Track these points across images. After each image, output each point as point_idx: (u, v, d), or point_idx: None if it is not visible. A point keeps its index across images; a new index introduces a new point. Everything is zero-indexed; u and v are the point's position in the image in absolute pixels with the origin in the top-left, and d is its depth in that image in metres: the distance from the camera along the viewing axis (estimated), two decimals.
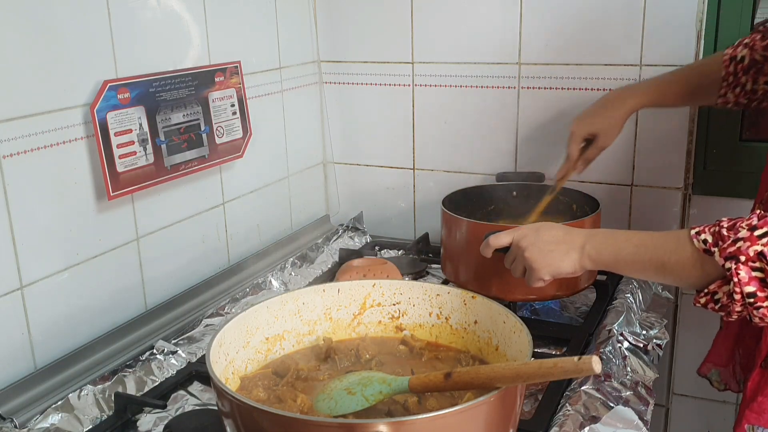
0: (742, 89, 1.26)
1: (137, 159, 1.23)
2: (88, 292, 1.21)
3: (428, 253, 1.65)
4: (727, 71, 1.26)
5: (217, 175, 1.48)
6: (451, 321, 1.08)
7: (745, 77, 1.25)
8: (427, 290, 1.10)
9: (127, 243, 1.28)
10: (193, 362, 1.21)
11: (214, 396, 0.90)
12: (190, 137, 1.35)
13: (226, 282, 1.48)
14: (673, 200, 1.56)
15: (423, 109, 1.71)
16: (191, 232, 1.43)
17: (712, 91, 1.29)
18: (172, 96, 1.30)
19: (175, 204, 1.38)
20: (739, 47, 1.26)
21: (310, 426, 0.78)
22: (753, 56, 1.24)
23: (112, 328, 1.24)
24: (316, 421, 0.82)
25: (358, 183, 1.84)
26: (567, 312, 1.41)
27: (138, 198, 1.28)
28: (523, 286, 1.13)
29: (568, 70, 1.55)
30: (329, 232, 1.74)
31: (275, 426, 0.78)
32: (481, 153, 1.68)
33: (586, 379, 1.08)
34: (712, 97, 1.30)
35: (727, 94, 1.28)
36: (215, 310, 1.36)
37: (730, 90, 1.27)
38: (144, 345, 1.25)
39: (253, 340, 1.02)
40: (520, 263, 1.09)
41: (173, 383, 1.15)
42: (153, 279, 1.34)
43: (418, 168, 1.77)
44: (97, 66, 1.18)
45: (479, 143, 1.68)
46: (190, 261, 1.43)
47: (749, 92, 1.26)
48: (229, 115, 1.45)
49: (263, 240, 1.64)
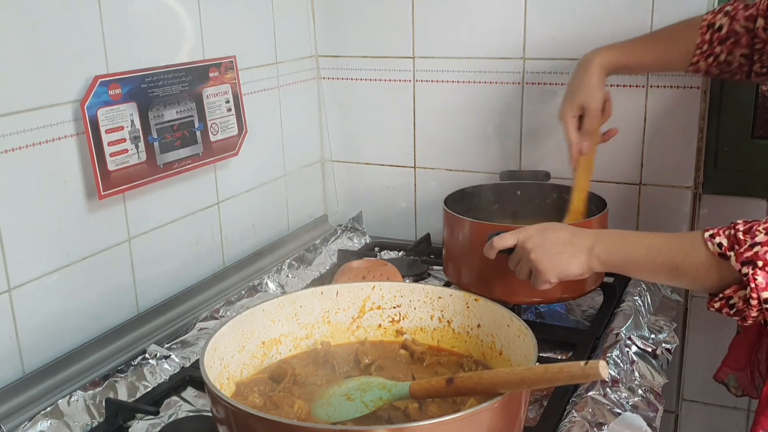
0: (715, 59, 1.25)
1: (129, 157, 1.23)
2: (78, 295, 1.21)
3: (430, 255, 1.65)
4: (703, 39, 1.25)
5: (211, 174, 1.48)
6: (454, 324, 1.08)
7: (720, 47, 1.24)
8: (428, 293, 1.10)
9: (119, 244, 1.28)
10: (187, 367, 1.20)
11: (208, 402, 0.90)
12: (183, 134, 1.35)
13: (220, 284, 1.47)
14: (683, 200, 1.56)
15: (424, 106, 1.71)
16: (185, 233, 1.43)
17: (684, 57, 1.28)
18: (164, 92, 1.29)
19: (168, 203, 1.38)
20: (719, 14, 1.25)
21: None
22: (733, 27, 1.22)
23: (103, 332, 1.24)
24: (313, 427, 0.82)
25: (357, 182, 1.84)
26: (573, 315, 1.41)
27: (130, 197, 1.28)
28: (528, 288, 1.13)
29: (575, 65, 1.54)
30: (327, 232, 1.74)
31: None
32: (485, 151, 1.68)
33: (592, 385, 1.08)
34: (682, 63, 1.29)
35: (699, 62, 1.27)
36: (209, 313, 1.36)
37: (702, 59, 1.26)
38: (136, 349, 1.25)
39: (248, 344, 1.02)
40: (525, 265, 1.09)
41: (166, 389, 1.15)
42: (145, 281, 1.34)
43: (419, 166, 1.77)
44: (88, 61, 1.18)
45: (483, 141, 1.68)
46: (184, 262, 1.43)
47: (722, 63, 1.25)
48: (224, 111, 1.44)
49: (259, 241, 1.64)
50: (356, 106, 1.78)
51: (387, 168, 1.79)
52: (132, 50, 1.25)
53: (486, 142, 1.68)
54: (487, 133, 1.67)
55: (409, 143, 1.75)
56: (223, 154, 1.45)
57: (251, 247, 1.61)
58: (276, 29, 1.62)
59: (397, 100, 1.73)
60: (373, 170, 1.81)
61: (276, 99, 1.66)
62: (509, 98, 1.62)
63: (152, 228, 1.35)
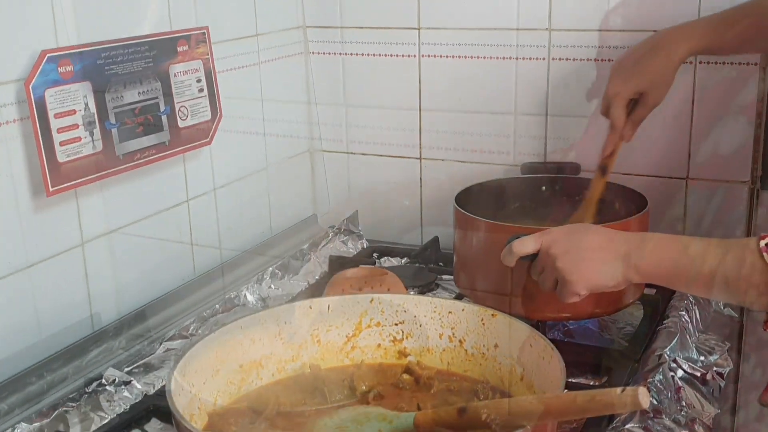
0: None
1: (82, 146, 1.23)
2: (21, 310, 1.21)
3: (438, 262, 1.65)
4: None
5: (180, 167, 1.48)
6: (466, 344, 1.08)
7: None
8: (436, 307, 1.10)
9: (70, 249, 1.28)
10: (151, 395, 1.20)
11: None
12: (146, 120, 1.35)
13: (191, 297, 1.47)
14: (738, 197, 1.56)
15: (432, 86, 1.72)
16: (149, 236, 1.42)
17: None
18: (124, 69, 1.29)
19: (129, 201, 1.38)
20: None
21: None
22: None
23: (51, 354, 1.24)
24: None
25: (352, 176, 1.84)
26: (608, 333, 1.41)
27: (83, 194, 1.28)
28: (555, 302, 1.12)
29: (610, 37, 1.55)
30: (317, 235, 1.74)
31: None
32: (503, 139, 1.68)
33: (631, 416, 1.08)
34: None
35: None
36: (177, 331, 1.35)
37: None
38: (91, 374, 1.24)
39: (224, 368, 1.02)
40: (550, 274, 1.09)
41: (126, 420, 1.15)
42: (101, 293, 1.34)
43: (425, 157, 1.77)
44: (33, 33, 1.18)
45: (501, 128, 1.68)
46: (147, 271, 1.43)
47: None
48: (195, 92, 1.45)
49: (236, 245, 1.64)
50: (351, 86, 1.78)
51: (387, 159, 1.80)
52: (86, 20, 1.25)
53: (504, 130, 1.68)
54: (505, 119, 1.67)
55: (414, 130, 1.76)
56: (193, 143, 1.45)
57: (227, 253, 1.61)
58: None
59: (399, 79, 1.73)
60: (371, 162, 1.81)
61: (256, 77, 1.66)
62: (532, 77, 1.63)
63: (110, 230, 1.35)
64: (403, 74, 1.73)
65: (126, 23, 1.33)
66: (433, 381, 1.06)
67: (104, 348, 1.30)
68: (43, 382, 1.20)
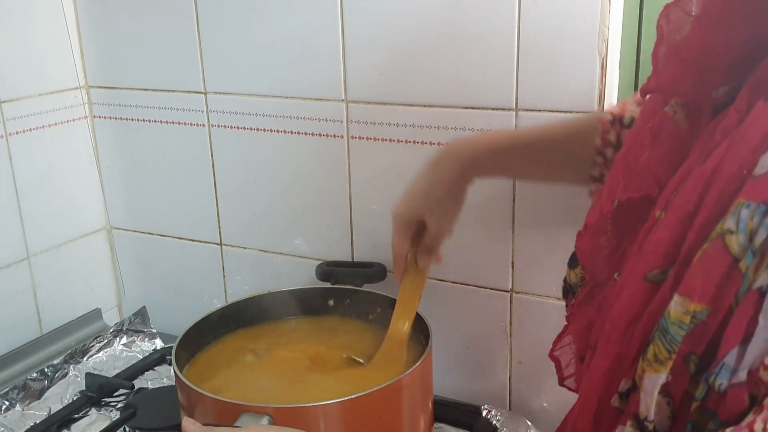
0: None
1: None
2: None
3: None
4: (605, 139, 0.91)
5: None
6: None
7: None
8: None
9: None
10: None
11: None
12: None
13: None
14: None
15: (224, 160, 1.37)
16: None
17: (582, 165, 0.94)
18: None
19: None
20: (630, 104, 0.90)
21: None
22: None
23: None
24: None
25: (149, 261, 1.51)
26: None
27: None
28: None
29: (412, 113, 1.18)
30: (93, 336, 1.40)
31: None
32: (306, 229, 1.33)
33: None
34: (581, 175, 0.94)
35: (603, 176, 0.92)
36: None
37: (607, 169, 0.91)
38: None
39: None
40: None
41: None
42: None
43: (226, 244, 1.42)
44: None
45: (300, 214, 1.33)
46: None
47: None
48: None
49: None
50: (140, 157, 1.44)
51: (188, 243, 1.46)
52: None
53: (305, 217, 1.33)
54: (307, 204, 1.32)
55: (212, 210, 1.41)
56: None
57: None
58: (32, 48, 1.33)
59: (191, 151, 1.39)
60: (168, 245, 1.47)
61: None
62: (332, 156, 1.26)
63: None
64: (194, 145, 1.37)
65: None
66: None
67: None
68: None
